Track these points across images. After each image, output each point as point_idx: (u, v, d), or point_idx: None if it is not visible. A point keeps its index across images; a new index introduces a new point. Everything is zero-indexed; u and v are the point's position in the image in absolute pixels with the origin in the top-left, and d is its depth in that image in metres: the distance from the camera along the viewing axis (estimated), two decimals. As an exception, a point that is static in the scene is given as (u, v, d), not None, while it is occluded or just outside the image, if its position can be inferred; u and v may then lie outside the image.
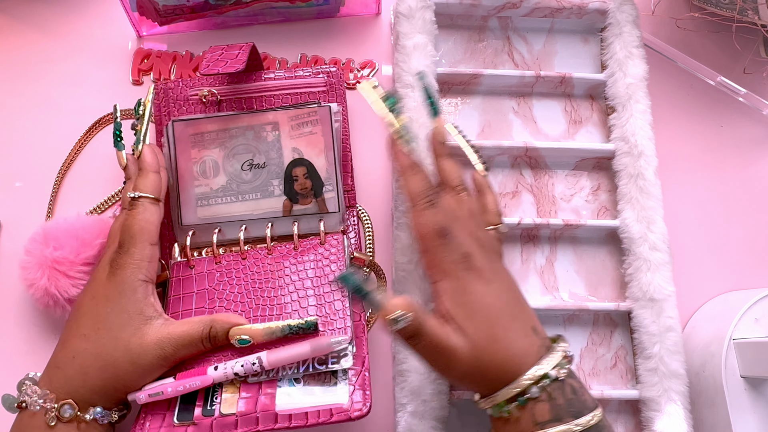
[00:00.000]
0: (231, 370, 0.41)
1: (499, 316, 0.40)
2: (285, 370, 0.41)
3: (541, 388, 0.38)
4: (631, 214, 0.52)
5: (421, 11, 0.54)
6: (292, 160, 0.49)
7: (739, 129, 0.59)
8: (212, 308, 0.45)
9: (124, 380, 0.40)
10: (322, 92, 0.51)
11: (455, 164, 0.46)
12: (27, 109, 0.55)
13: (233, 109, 0.50)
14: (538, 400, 0.38)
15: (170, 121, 0.49)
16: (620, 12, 0.56)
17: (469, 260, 0.41)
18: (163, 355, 0.41)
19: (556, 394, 0.38)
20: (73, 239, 0.46)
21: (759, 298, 0.49)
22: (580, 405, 0.38)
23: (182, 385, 0.40)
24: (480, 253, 0.41)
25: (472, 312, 0.40)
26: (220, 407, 0.40)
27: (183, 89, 0.51)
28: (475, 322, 0.39)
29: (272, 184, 0.49)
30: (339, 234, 0.48)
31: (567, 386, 0.39)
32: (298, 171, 0.49)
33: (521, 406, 0.38)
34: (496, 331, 0.39)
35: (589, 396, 0.40)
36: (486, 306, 0.40)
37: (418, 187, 0.42)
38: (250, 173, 0.49)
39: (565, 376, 0.39)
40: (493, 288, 0.40)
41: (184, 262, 0.48)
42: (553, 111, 0.57)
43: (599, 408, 0.39)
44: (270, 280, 0.46)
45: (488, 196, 0.47)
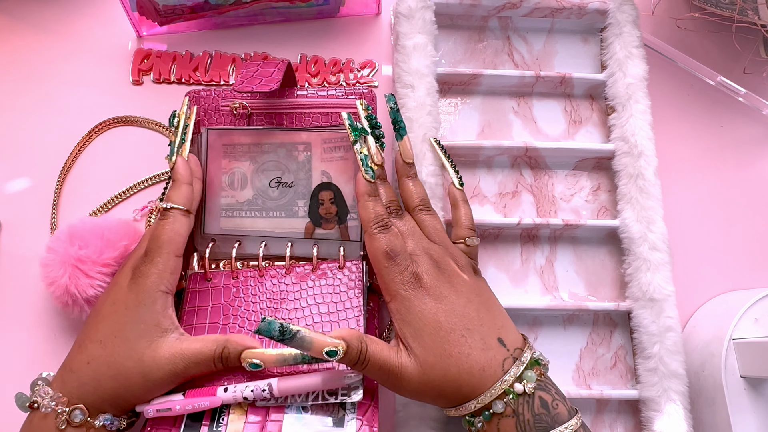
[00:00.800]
0: (240, 393, 0.40)
1: (450, 332, 0.40)
2: (294, 398, 0.41)
3: (505, 403, 0.38)
4: (631, 214, 0.52)
5: (421, 11, 0.54)
6: (320, 183, 0.48)
7: (739, 129, 0.59)
8: (226, 324, 0.45)
9: (134, 391, 0.40)
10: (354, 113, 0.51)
11: (417, 184, 0.47)
12: (27, 109, 0.55)
13: (263, 123, 0.50)
14: (503, 416, 0.38)
15: (205, 129, 0.49)
16: (620, 12, 0.56)
17: (418, 279, 0.41)
18: (174, 372, 0.41)
19: (523, 409, 0.38)
20: (99, 239, 0.46)
21: (759, 298, 0.49)
22: (549, 420, 0.38)
23: (191, 404, 0.40)
24: (432, 271, 0.42)
25: (418, 330, 0.40)
26: (226, 429, 0.40)
27: (215, 99, 0.51)
28: (421, 340, 0.40)
29: (297, 205, 0.48)
30: (358, 260, 0.48)
31: (536, 399, 0.38)
32: (325, 195, 0.48)
33: (487, 421, 0.39)
34: (446, 348, 0.39)
35: (564, 407, 0.39)
36: (434, 323, 0.40)
37: (370, 214, 0.43)
38: (277, 191, 0.49)
39: (534, 389, 0.38)
40: (445, 304, 0.40)
41: (201, 274, 0.47)
42: (553, 111, 0.57)
43: (576, 418, 0.38)
44: (286, 301, 0.46)
45: (460, 210, 0.47)
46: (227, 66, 0.56)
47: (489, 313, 0.41)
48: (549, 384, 0.40)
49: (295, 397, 0.41)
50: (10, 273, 0.51)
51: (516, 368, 0.39)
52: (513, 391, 0.38)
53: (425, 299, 0.41)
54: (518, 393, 0.38)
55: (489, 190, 0.55)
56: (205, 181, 0.49)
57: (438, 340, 0.39)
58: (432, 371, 0.39)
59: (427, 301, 0.41)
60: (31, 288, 0.50)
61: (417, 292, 0.41)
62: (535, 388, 0.38)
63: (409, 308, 0.41)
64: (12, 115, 0.55)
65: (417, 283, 0.41)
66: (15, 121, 0.55)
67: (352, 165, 0.48)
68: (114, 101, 0.55)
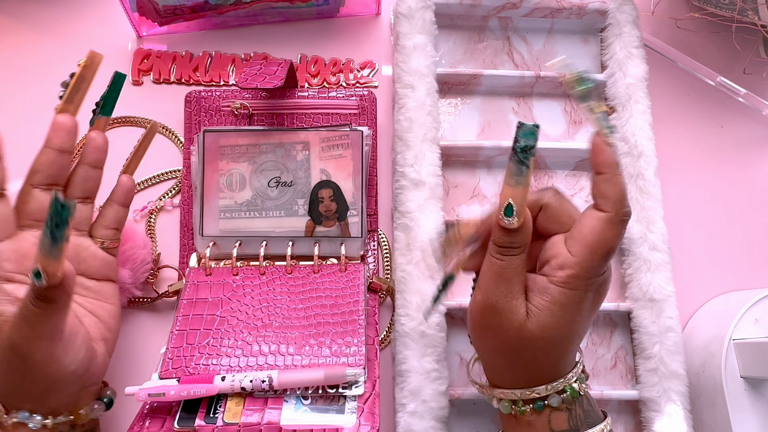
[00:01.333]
0: (239, 383, 0.40)
1: (575, 338, 0.38)
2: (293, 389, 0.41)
3: (561, 399, 0.38)
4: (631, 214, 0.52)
5: (421, 11, 0.54)
6: (319, 181, 0.48)
7: (739, 129, 0.59)
8: (224, 317, 0.45)
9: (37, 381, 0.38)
10: (354, 114, 0.51)
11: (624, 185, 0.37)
12: (27, 109, 0.55)
13: (264, 124, 0.50)
14: (556, 409, 0.38)
15: (201, 131, 0.49)
16: (620, 12, 0.56)
17: (602, 286, 0.38)
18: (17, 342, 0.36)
19: (575, 406, 0.39)
20: None
21: (759, 299, 0.49)
22: (595, 416, 0.39)
23: (186, 390, 0.40)
24: (609, 280, 0.39)
25: (556, 325, 0.37)
26: (223, 416, 0.40)
27: (216, 99, 0.51)
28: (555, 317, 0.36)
29: (297, 203, 0.49)
30: (359, 263, 0.48)
31: (584, 399, 0.39)
32: (325, 193, 0.49)
33: (537, 411, 0.39)
34: (560, 347, 0.38)
35: (597, 408, 0.40)
36: (573, 327, 0.37)
37: (621, 193, 0.36)
38: (276, 190, 0.49)
39: (585, 389, 0.39)
40: (591, 314, 0.39)
41: (200, 269, 0.47)
42: (553, 111, 0.57)
43: (608, 417, 0.40)
44: (287, 299, 0.46)
45: None
46: (227, 66, 0.56)
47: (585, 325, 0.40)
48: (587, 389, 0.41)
49: (295, 389, 0.41)
50: (10, 273, 0.51)
51: (576, 370, 0.39)
52: (571, 389, 0.38)
53: (587, 305, 0.37)
54: (576, 392, 0.38)
55: (489, 190, 0.55)
56: (202, 184, 0.49)
57: (567, 330, 0.37)
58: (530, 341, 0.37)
59: (588, 307, 0.37)
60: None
61: (590, 296, 0.37)
62: (587, 388, 0.40)
63: (569, 306, 0.36)
64: (12, 115, 0.55)
65: (598, 289, 0.37)
66: (15, 121, 0.55)
67: (351, 162, 0.48)
68: (114, 101, 0.55)
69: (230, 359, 0.42)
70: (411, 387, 0.47)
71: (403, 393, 0.47)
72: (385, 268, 0.52)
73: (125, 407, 0.46)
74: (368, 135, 0.50)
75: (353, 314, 0.44)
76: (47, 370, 0.37)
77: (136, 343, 0.49)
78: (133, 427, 0.40)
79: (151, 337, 0.50)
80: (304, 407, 0.40)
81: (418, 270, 0.49)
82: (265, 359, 0.42)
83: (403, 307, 0.48)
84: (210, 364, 0.42)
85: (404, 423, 0.46)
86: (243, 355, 0.43)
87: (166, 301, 0.50)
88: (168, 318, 0.50)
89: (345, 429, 0.39)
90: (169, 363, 0.42)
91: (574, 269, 0.36)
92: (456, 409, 0.49)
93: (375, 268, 0.51)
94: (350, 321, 0.44)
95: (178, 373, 0.42)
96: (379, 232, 0.52)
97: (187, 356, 0.43)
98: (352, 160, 0.48)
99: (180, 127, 0.54)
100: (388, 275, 0.51)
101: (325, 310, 0.45)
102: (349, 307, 0.45)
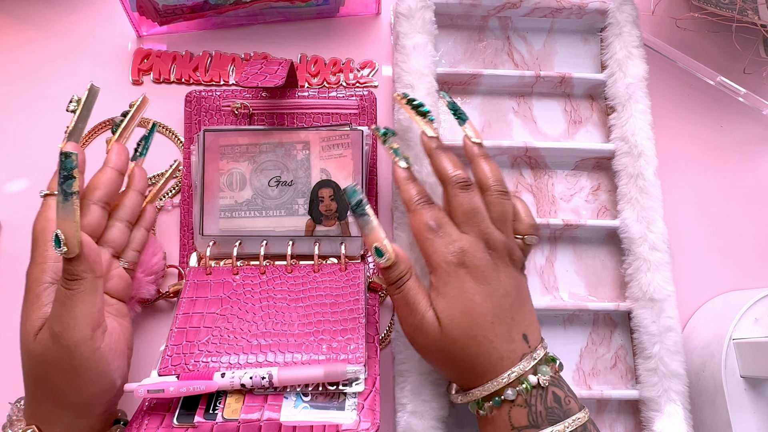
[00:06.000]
0: (238, 380, 0.40)
1: (482, 315, 0.40)
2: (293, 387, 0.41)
3: (517, 392, 0.39)
4: (631, 214, 0.52)
5: (421, 11, 0.54)
6: (319, 180, 0.48)
7: (739, 129, 0.59)
8: (224, 315, 0.45)
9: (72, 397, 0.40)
10: (354, 114, 0.51)
11: (491, 164, 0.45)
12: (27, 109, 0.55)
13: (264, 124, 0.50)
14: (514, 404, 0.39)
15: (202, 130, 0.49)
16: (620, 12, 0.56)
17: (463, 256, 0.41)
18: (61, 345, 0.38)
19: (536, 401, 0.39)
20: None
21: (759, 298, 0.49)
22: (561, 414, 0.39)
23: (185, 387, 0.40)
24: (481, 252, 0.41)
25: (451, 305, 0.40)
26: (222, 412, 0.40)
27: (216, 99, 0.51)
28: (451, 313, 0.40)
29: (297, 203, 0.49)
30: (360, 263, 0.48)
31: (549, 394, 0.39)
32: (325, 192, 0.49)
33: (496, 407, 0.39)
34: (473, 328, 0.40)
35: (576, 404, 0.40)
36: (468, 302, 0.40)
37: (410, 192, 0.44)
38: (276, 190, 0.49)
39: (547, 383, 0.39)
40: (484, 288, 0.40)
41: (201, 268, 0.47)
42: (553, 111, 0.57)
43: (584, 411, 0.39)
44: (287, 298, 0.46)
45: (518, 203, 0.46)
46: (227, 66, 0.56)
47: (522, 309, 0.42)
48: (563, 382, 0.41)
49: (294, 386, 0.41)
50: (10, 273, 0.51)
51: (528, 361, 0.40)
52: (527, 381, 0.39)
53: (465, 278, 0.40)
54: (532, 384, 0.39)
55: (489, 190, 0.55)
56: (202, 183, 0.49)
57: (467, 319, 0.40)
58: (452, 344, 0.40)
59: (467, 279, 0.40)
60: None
61: (458, 269, 0.41)
62: (549, 383, 0.39)
63: (447, 282, 0.41)
64: (12, 115, 0.55)
65: (460, 260, 0.41)
66: (15, 121, 0.55)
67: (351, 161, 0.48)
68: (114, 101, 0.55)
69: (230, 357, 0.42)
70: (411, 387, 0.47)
71: (403, 393, 0.47)
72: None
73: (124, 404, 0.46)
74: (368, 135, 0.50)
75: (353, 312, 0.44)
76: (96, 369, 0.39)
77: (136, 343, 0.49)
78: (132, 423, 0.40)
79: (151, 337, 0.50)
80: (304, 404, 0.40)
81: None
82: (264, 357, 0.42)
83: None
84: (210, 361, 0.42)
85: (404, 422, 0.46)
86: (243, 353, 0.43)
87: (166, 301, 0.50)
88: (168, 318, 0.50)
89: (345, 426, 0.39)
90: (168, 360, 0.42)
91: (423, 255, 0.42)
92: (456, 409, 0.49)
93: (375, 269, 0.51)
94: (350, 319, 0.44)
95: (177, 370, 0.42)
96: (378, 233, 0.52)
97: (186, 353, 0.43)
98: (352, 160, 0.48)
99: (180, 127, 0.54)
100: None
101: (325, 308, 0.45)
102: (349, 306, 0.45)
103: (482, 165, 0.45)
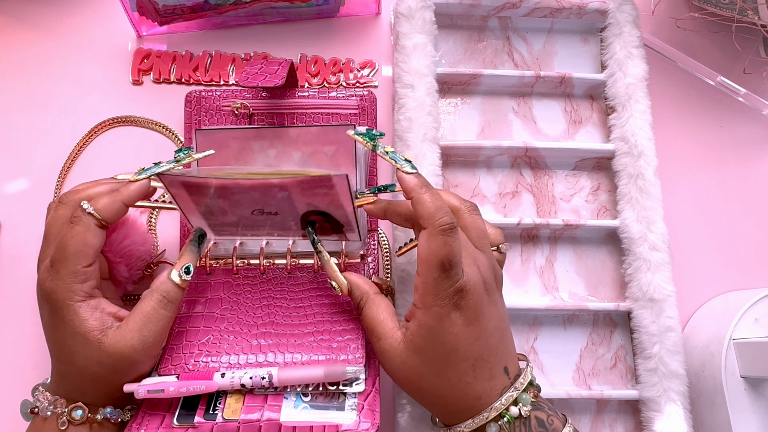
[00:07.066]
0: (238, 380, 0.40)
1: (463, 359, 0.38)
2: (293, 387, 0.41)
3: (500, 426, 0.38)
4: (631, 214, 0.52)
5: (421, 11, 0.54)
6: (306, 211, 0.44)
7: (739, 129, 0.59)
8: (224, 315, 0.45)
9: (117, 387, 0.40)
10: (354, 114, 0.50)
11: (446, 191, 0.43)
12: (27, 109, 0.55)
13: (264, 124, 0.49)
14: None
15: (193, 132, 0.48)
16: (620, 12, 0.56)
17: (461, 297, 0.38)
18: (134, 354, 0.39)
19: (520, 431, 0.38)
20: None
21: (759, 298, 0.49)
22: None
23: (185, 387, 0.40)
24: (478, 288, 0.38)
25: (431, 347, 0.38)
26: (222, 413, 0.40)
27: (216, 99, 0.50)
28: (427, 355, 0.38)
29: (289, 222, 0.45)
30: (359, 263, 0.47)
31: (533, 420, 0.38)
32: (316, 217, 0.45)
33: None
34: (449, 372, 0.38)
35: (558, 421, 0.39)
36: (452, 348, 0.38)
37: (431, 207, 0.38)
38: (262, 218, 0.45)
39: (529, 411, 0.38)
40: (473, 330, 0.38)
41: (201, 267, 0.47)
42: (553, 111, 0.57)
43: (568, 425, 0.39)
44: (287, 299, 0.46)
45: None
46: (227, 66, 0.56)
47: (505, 341, 0.40)
48: (542, 402, 0.40)
49: (294, 386, 0.41)
50: (10, 273, 0.51)
51: (511, 394, 0.38)
52: (509, 415, 0.38)
53: (457, 321, 0.38)
54: (514, 416, 0.38)
55: (489, 190, 0.55)
56: None
57: (444, 363, 0.38)
58: (420, 380, 0.39)
59: (458, 323, 0.38)
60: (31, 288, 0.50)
61: (452, 312, 0.37)
62: (531, 410, 0.38)
63: (434, 327, 0.38)
64: (12, 115, 0.55)
65: (457, 301, 0.37)
66: (15, 121, 0.55)
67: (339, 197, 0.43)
68: (114, 101, 0.55)
69: (230, 357, 0.42)
70: (411, 387, 0.47)
71: (403, 394, 0.47)
72: (385, 268, 0.52)
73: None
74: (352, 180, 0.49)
75: (353, 313, 0.44)
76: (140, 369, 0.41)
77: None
78: (132, 424, 0.40)
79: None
80: (303, 404, 0.40)
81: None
82: (264, 357, 0.42)
83: (403, 307, 0.48)
84: (209, 361, 0.42)
85: (404, 423, 0.46)
86: (243, 353, 0.43)
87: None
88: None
89: (345, 426, 0.39)
90: (168, 360, 0.42)
91: (420, 287, 0.38)
92: (456, 408, 0.49)
93: (375, 268, 0.51)
94: (350, 320, 0.44)
95: (177, 369, 0.42)
96: (379, 232, 0.52)
97: (186, 353, 0.43)
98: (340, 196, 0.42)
99: (180, 127, 0.54)
100: (388, 275, 0.51)
101: (325, 309, 0.45)
102: (349, 306, 0.45)
103: (440, 194, 0.40)
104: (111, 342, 0.39)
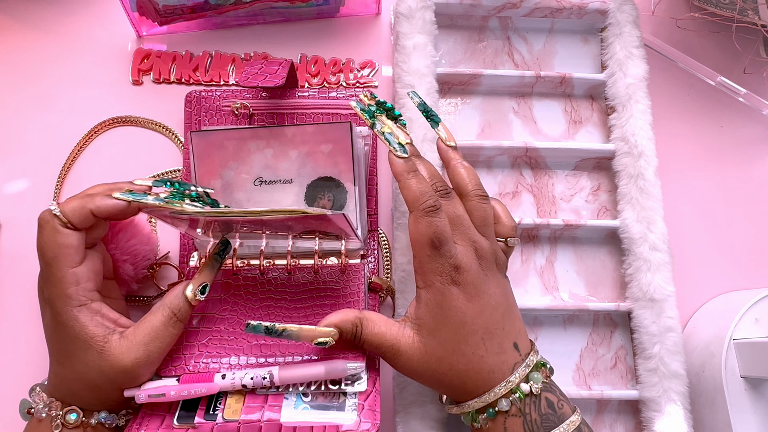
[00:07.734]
0: (239, 381, 0.40)
1: (472, 333, 0.39)
2: (294, 386, 0.41)
3: (511, 402, 0.38)
4: (631, 214, 0.52)
5: (421, 11, 0.54)
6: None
7: (739, 129, 0.59)
8: (225, 316, 0.45)
9: (114, 395, 0.40)
10: (354, 114, 0.50)
11: (468, 168, 0.44)
12: (27, 108, 0.55)
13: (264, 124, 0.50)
14: (509, 414, 0.38)
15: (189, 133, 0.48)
16: (620, 12, 0.56)
17: (457, 273, 0.40)
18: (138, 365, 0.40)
19: (530, 410, 0.38)
20: None
21: (759, 298, 0.49)
22: (556, 419, 0.38)
23: (186, 390, 0.40)
24: (473, 266, 0.40)
25: (440, 324, 0.40)
26: (222, 413, 0.40)
27: (216, 99, 0.50)
28: (438, 334, 0.40)
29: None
30: (359, 263, 0.47)
31: (542, 400, 0.39)
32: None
33: (491, 419, 0.39)
34: (462, 347, 0.39)
35: (568, 407, 0.40)
36: (459, 322, 0.39)
37: (415, 192, 0.40)
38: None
39: (540, 390, 0.39)
40: (475, 304, 0.40)
41: None
42: (553, 111, 0.57)
43: (576, 413, 0.39)
44: (287, 299, 0.46)
45: (497, 205, 0.45)
46: (227, 66, 0.56)
47: (511, 317, 0.41)
48: (554, 386, 0.41)
49: (296, 386, 0.41)
50: (10, 273, 0.51)
51: (523, 370, 0.39)
52: (520, 391, 0.39)
53: (458, 296, 0.40)
54: (525, 393, 0.39)
55: (489, 191, 0.54)
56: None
57: (457, 338, 0.39)
58: (438, 363, 0.40)
59: (460, 298, 0.40)
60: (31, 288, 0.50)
61: (452, 287, 0.40)
62: (542, 389, 0.39)
63: (439, 302, 0.40)
64: (12, 115, 0.55)
65: (455, 277, 0.40)
66: (15, 121, 0.55)
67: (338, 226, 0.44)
68: (114, 101, 0.55)
69: (230, 357, 0.42)
70: (411, 387, 0.47)
71: (403, 393, 0.47)
72: (385, 268, 0.52)
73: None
74: (367, 135, 0.49)
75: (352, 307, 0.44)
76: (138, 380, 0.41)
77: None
78: (132, 424, 0.40)
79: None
80: (304, 405, 0.40)
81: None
82: (265, 358, 0.42)
83: (403, 307, 0.48)
84: (210, 362, 0.42)
85: (404, 424, 0.46)
86: (243, 354, 0.43)
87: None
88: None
89: (345, 426, 0.39)
90: (168, 361, 0.42)
91: (418, 268, 0.41)
92: (456, 409, 0.49)
93: (375, 268, 0.51)
94: None
95: (177, 371, 0.42)
96: (379, 232, 0.52)
97: (186, 354, 0.43)
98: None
99: (180, 127, 0.54)
100: (388, 275, 0.51)
101: (325, 309, 0.45)
102: (349, 306, 0.45)
103: (459, 170, 0.44)
104: (115, 352, 0.39)
